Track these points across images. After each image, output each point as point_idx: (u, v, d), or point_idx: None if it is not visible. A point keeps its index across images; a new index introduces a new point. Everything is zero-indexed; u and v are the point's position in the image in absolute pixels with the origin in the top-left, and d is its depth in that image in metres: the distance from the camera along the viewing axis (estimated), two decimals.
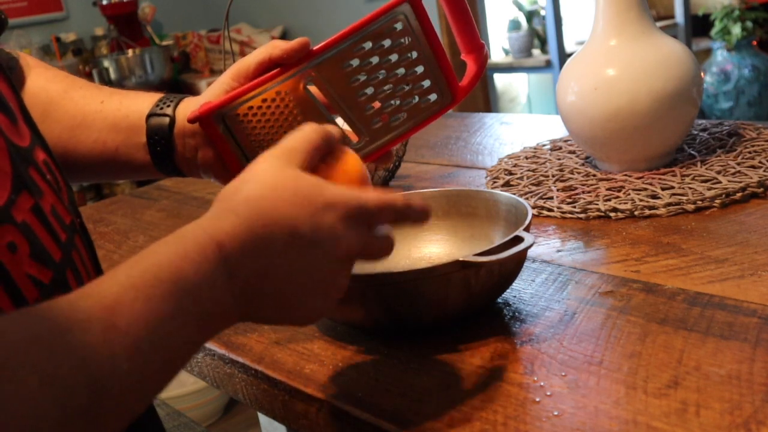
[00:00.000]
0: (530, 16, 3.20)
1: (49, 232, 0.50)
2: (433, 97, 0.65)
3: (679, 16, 3.15)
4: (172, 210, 1.17)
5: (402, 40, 0.63)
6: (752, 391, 0.49)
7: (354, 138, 0.65)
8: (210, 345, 0.68)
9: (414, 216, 0.50)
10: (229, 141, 0.64)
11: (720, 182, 0.85)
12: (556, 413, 0.50)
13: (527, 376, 0.55)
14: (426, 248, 0.76)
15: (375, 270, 0.73)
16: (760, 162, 0.89)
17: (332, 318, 0.66)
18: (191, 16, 3.67)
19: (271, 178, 0.46)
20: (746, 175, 0.85)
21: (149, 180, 0.92)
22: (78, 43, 3.19)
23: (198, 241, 0.43)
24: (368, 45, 0.62)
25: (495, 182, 1.01)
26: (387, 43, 0.62)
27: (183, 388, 2.05)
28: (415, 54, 0.63)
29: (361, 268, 0.74)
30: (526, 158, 1.07)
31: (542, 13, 3.17)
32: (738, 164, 0.89)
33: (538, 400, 0.52)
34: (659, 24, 2.21)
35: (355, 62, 0.63)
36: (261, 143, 0.63)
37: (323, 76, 0.63)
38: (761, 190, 0.83)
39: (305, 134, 0.50)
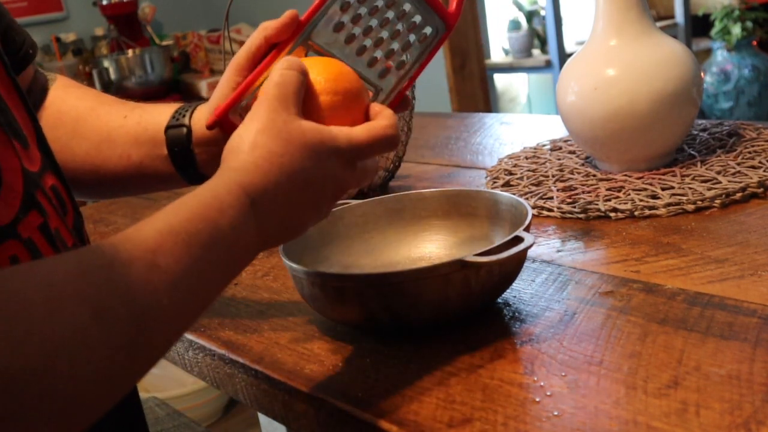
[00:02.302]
0: (530, 16, 3.20)
1: (55, 251, 0.53)
2: (428, 30, 0.66)
3: (679, 16, 3.15)
4: None
5: None
6: (752, 391, 0.49)
7: (368, 93, 0.65)
8: (210, 345, 0.68)
9: (398, 137, 0.58)
10: None
11: (720, 182, 0.85)
12: (556, 413, 0.50)
13: (527, 376, 0.55)
14: (426, 248, 0.76)
15: (375, 270, 0.73)
16: (760, 162, 0.89)
17: (332, 318, 0.66)
18: (191, 16, 3.67)
19: (284, 133, 0.52)
20: (746, 175, 0.85)
21: None
22: (78, 43, 3.18)
23: (232, 194, 0.49)
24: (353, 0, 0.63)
25: (495, 182, 1.01)
26: None
27: (183, 388, 2.05)
28: None
29: (361, 268, 0.74)
30: (526, 158, 1.07)
31: (542, 13, 3.17)
32: (738, 164, 0.89)
33: (538, 400, 0.52)
34: (659, 24, 2.21)
35: (346, 18, 0.63)
36: None
37: (321, 42, 0.63)
38: (761, 190, 0.83)
39: (286, 79, 0.55)
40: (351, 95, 0.59)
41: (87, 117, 0.71)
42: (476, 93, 3.08)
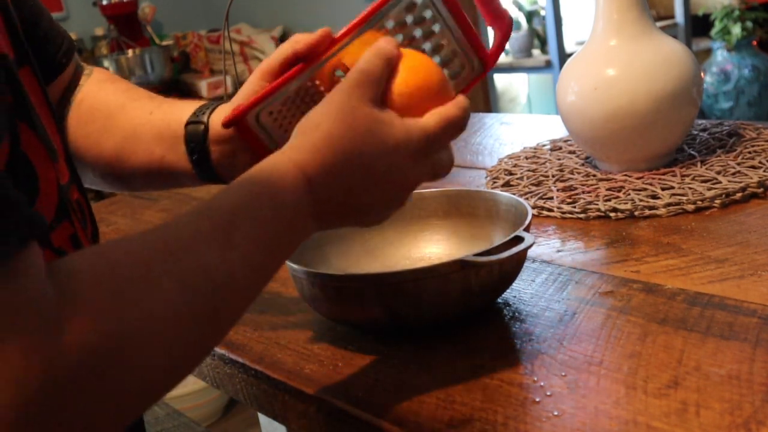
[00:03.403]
0: (530, 16, 3.20)
1: None
2: (463, 67, 0.64)
3: (679, 16, 3.15)
4: (172, 210, 1.17)
5: (424, 15, 0.62)
6: (752, 391, 0.49)
7: (452, 89, 0.64)
8: None
9: (467, 117, 0.56)
10: (266, 140, 0.63)
11: (720, 182, 0.85)
12: (556, 413, 0.50)
13: (527, 376, 0.55)
14: (426, 248, 0.76)
15: (375, 270, 0.73)
16: (760, 162, 0.89)
17: (332, 318, 0.66)
18: (191, 16, 3.67)
19: (350, 117, 0.52)
20: (746, 175, 0.85)
21: None
22: (78, 43, 3.18)
23: (293, 178, 0.50)
24: (390, 24, 0.61)
25: (495, 182, 1.01)
26: (409, 19, 0.62)
27: (183, 388, 2.05)
28: (438, 27, 0.63)
29: (361, 268, 0.74)
30: (526, 158, 1.07)
31: (542, 13, 3.17)
32: (738, 164, 0.89)
33: (538, 400, 0.52)
34: (659, 24, 2.21)
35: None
36: None
37: (351, 61, 0.62)
38: (761, 190, 0.83)
39: (370, 65, 0.54)
40: (434, 87, 0.57)
41: (117, 114, 0.72)
42: (476, 93, 3.08)
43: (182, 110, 0.70)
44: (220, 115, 0.67)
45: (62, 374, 0.35)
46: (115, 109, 0.73)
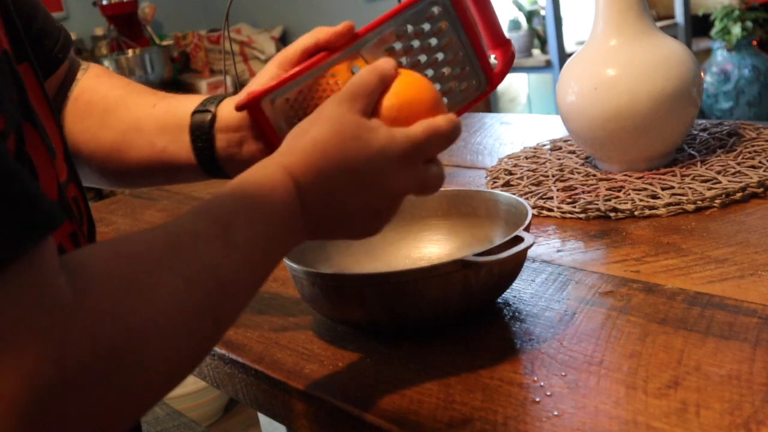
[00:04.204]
0: (530, 16, 3.20)
1: None
2: (470, 83, 0.66)
3: (679, 16, 3.15)
4: (173, 210, 1.17)
5: (440, 25, 0.64)
6: (752, 391, 0.49)
7: (444, 107, 0.65)
8: None
9: (457, 133, 0.57)
10: (277, 128, 0.63)
11: (720, 182, 0.85)
12: (556, 413, 0.50)
13: (527, 376, 0.55)
14: (426, 248, 0.76)
15: (375, 270, 0.73)
16: (760, 162, 0.89)
17: (332, 318, 0.66)
18: (191, 16, 3.67)
19: (337, 124, 0.54)
20: (746, 175, 0.85)
21: None
22: (78, 43, 3.19)
23: (281, 180, 0.51)
24: (410, 28, 0.63)
25: (495, 182, 1.01)
26: (426, 27, 0.63)
27: (183, 388, 2.05)
28: (453, 39, 0.64)
29: (361, 267, 0.74)
30: (526, 158, 1.07)
31: (542, 13, 3.17)
32: (738, 164, 0.89)
33: (538, 400, 0.52)
34: (659, 24, 2.21)
35: (398, 45, 0.63)
36: None
37: (368, 59, 0.63)
38: (761, 190, 0.83)
39: (364, 80, 0.56)
40: (424, 103, 0.58)
41: (116, 107, 0.72)
42: None
43: (187, 102, 0.70)
44: (227, 106, 0.67)
45: (73, 369, 0.35)
46: (115, 104, 0.72)
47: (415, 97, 0.57)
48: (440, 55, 0.64)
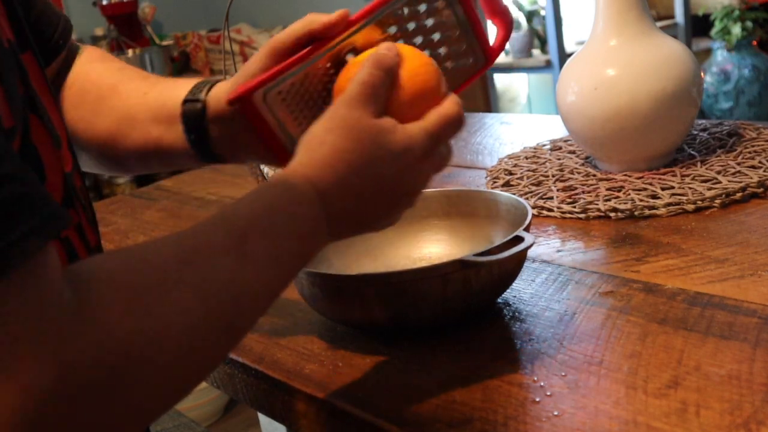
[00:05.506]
0: (530, 16, 3.20)
1: (87, 250, 0.56)
2: (468, 60, 0.65)
3: (679, 16, 3.15)
4: (172, 210, 1.17)
5: (436, 4, 0.62)
6: (752, 391, 0.49)
7: (444, 81, 0.65)
8: None
9: (463, 114, 0.57)
10: (271, 121, 0.61)
11: (720, 182, 0.85)
12: (556, 413, 0.50)
13: (527, 376, 0.55)
14: (426, 248, 0.76)
15: (375, 270, 0.73)
16: (760, 162, 0.89)
17: (332, 318, 0.66)
18: (191, 16, 3.67)
19: (355, 131, 0.52)
20: (746, 175, 0.85)
21: (149, 180, 0.92)
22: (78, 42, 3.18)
23: (305, 194, 0.51)
24: (405, 11, 0.62)
25: (495, 182, 1.01)
26: (422, 7, 0.62)
27: None
28: (449, 17, 0.63)
29: (361, 268, 0.74)
30: (526, 158, 1.07)
31: (542, 13, 3.17)
32: (738, 164, 0.89)
33: (538, 400, 0.52)
34: (659, 24, 2.21)
35: (393, 29, 0.62)
36: (304, 119, 0.61)
37: (363, 44, 0.62)
38: (761, 190, 0.83)
39: (372, 78, 0.54)
40: (431, 90, 0.57)
41: (109, 95, 0.71)
42: (476, 93, 3.08)
43: (178, 89, 0.68)
44: (218, 92, 0.65)
45: (75, 382, 0.34)
46: (107, 91, 0.71)
47: (423, 86, 0.57)
48: (437, 36, 0.63)
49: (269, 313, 0.73)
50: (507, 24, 0.66)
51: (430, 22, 0.63)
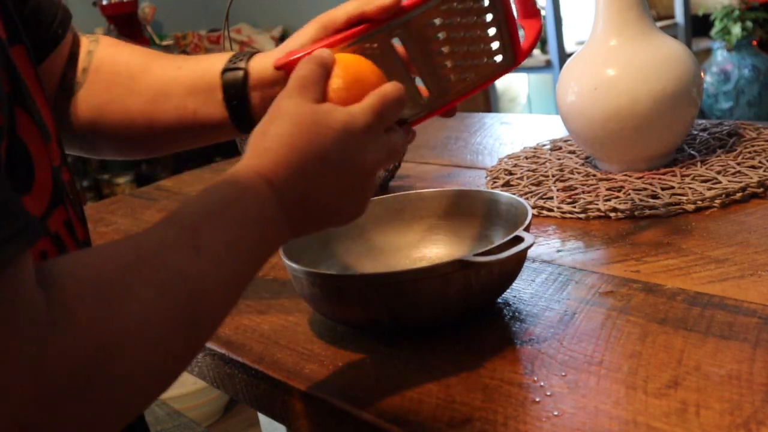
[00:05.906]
0: None
1: (76, 245, 0.56)
2: (498, 58, 0.66)
3: (679, 16, 3.15)
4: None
5: (482, 3, 0.64)
6: (752, 391, 0.49)
7: (424, 93, 0.66)
8: (210, 345, 0.68)
9: (404, 96, 0.58)
10: None
11: (720, 182, 0.85)
12: (556, 413, 0.50)
13: (527, 376, 0.55)
14: (426, 248, 0.76)
15: (375, 270, 0.73)
16: (760, 162, 0.89)
17: (332, 318, 0.66)
18: (191, 16, 3.67)
19: (295, 116, 0.53)
20: (746, 175, 0.85)
21: (149, 180, 0.91)
22: None
23: (252, 181, 0.51)
24: (456, 5, 0.63)
25: (495, 182, 1.01)
26: (470, 5, 0.64)
27: (183, 388, 2.05)
28: (490, 16, 0.65)
29: (361, 268, 0.74)
30: (526, 158, 1.07)
31: (542, 13, 3.17)
32: (738, 164, 0.89)
33: (538, 400, 0.52)
34: (659, 24, 2.21)
35: (438, 21, 0.64)
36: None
37: (408, 33, 0.64)
38: (761, 190, 0.83)
39: (307, 70, 0.56)
40: (367, 77, 0.59)
41: (141, 74, 0.71)
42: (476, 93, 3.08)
43: (212, 62, 0.69)
44: (258, 62, 0.67)
45: (52, 384, 0.35)
46: (138, 70, 0.72)
47: (359, 74, 0.58)
48: (477, 32, 0.65)
49: (269, 313, 0.73)
50: (538, 27, 0.68)
51: (473, 18, 0.64)
